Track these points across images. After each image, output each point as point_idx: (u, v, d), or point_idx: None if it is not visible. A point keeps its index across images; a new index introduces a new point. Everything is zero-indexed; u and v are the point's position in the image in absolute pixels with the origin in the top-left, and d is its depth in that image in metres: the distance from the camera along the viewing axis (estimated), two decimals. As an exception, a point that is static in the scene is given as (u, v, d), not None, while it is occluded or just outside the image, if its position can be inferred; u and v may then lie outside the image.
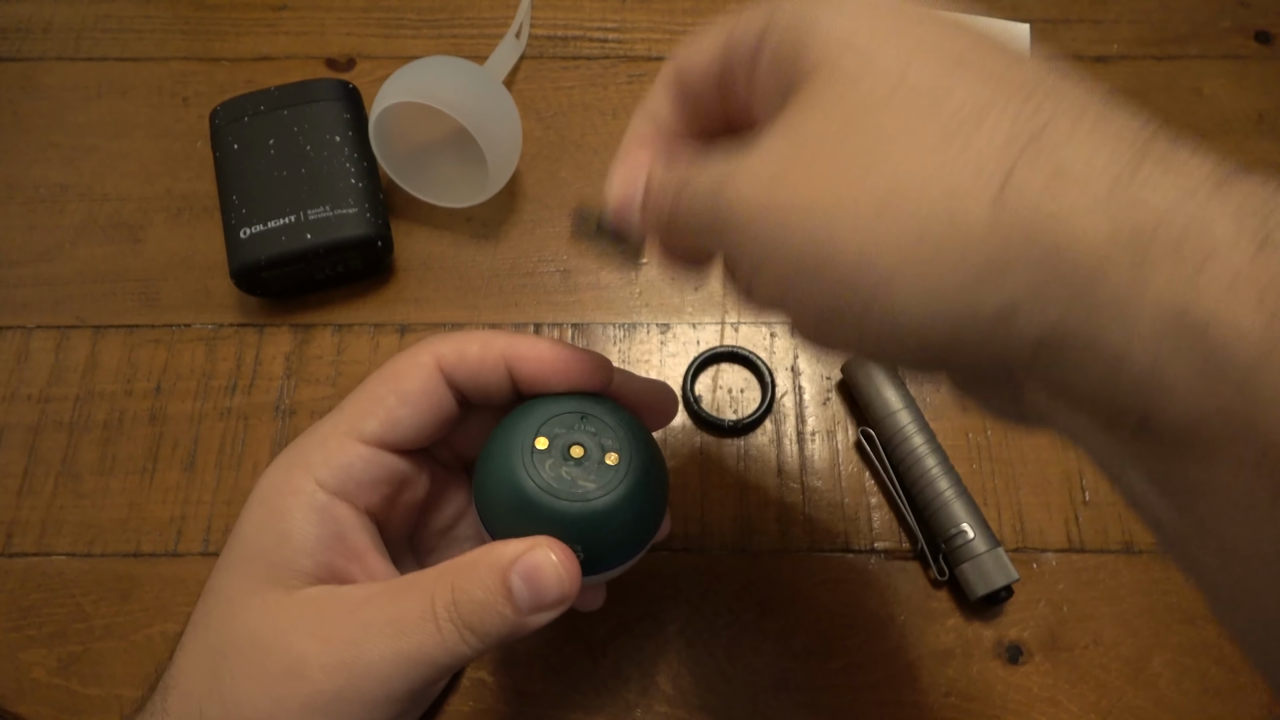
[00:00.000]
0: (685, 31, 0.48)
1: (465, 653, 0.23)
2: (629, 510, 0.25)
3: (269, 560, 0.24)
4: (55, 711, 0.34)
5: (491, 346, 0.26)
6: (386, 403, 0.26)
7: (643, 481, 0.25)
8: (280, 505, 0.25)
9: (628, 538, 0.25)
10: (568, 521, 0.24)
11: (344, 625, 0.23)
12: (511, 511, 0.24)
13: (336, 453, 0.25)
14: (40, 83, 0.47)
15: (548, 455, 0.25)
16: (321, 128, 0.41)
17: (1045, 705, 0.34)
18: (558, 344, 0.26)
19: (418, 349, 0.27)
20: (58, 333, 0.41)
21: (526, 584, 0.23)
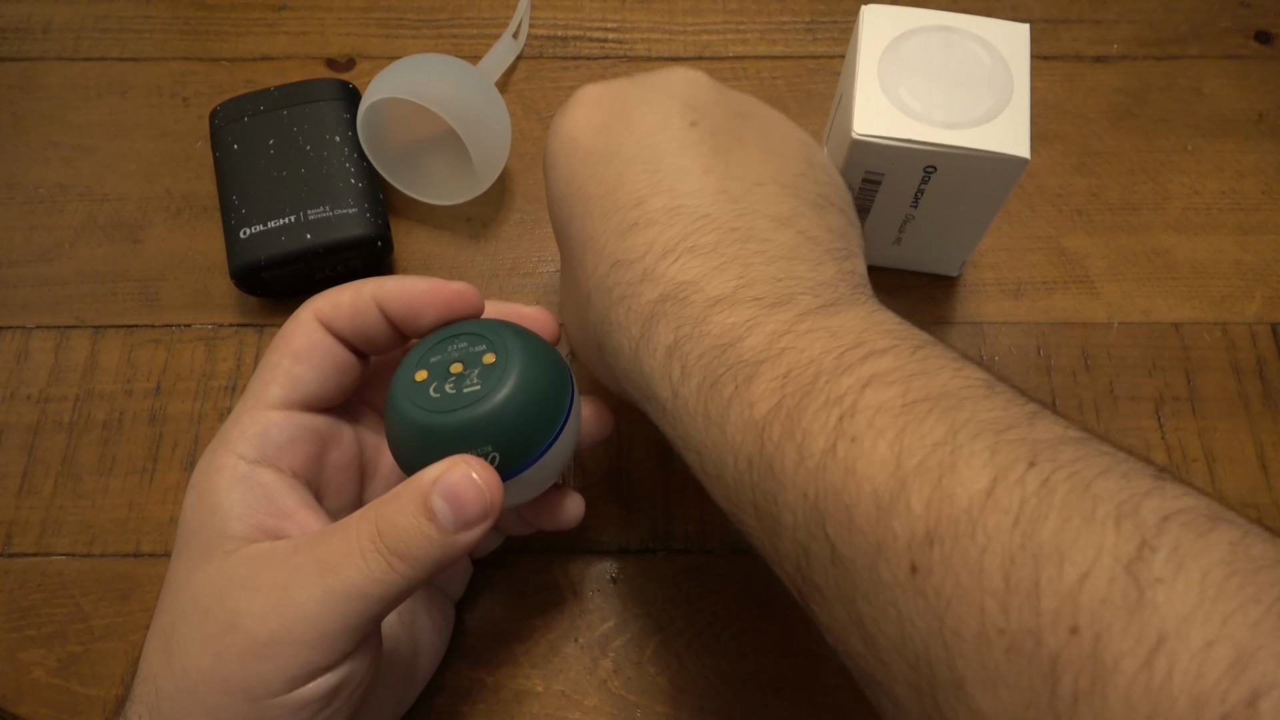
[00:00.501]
0: (685, 31, 0.48)
1: (396, 580, 0.24)
2: (522, 395, 0.25)
3: (204, 535, 0.25)
4: (55, 712, 0.34)
5: (361, 292, 0.28)
6: (281, 365, 0.27)
7: (528, 365, 0.26)
8: (207, 484, 0.26)
9: (534, 423, 0.25)
10: (466, 431, 0.24)
11: (274, 573, 0.24)
12: (415, 448, 0.25)
13: (249, 423, 0.27)
14: (40, 83, 0.47)
15: (429, 383, 0.26)
16: (321, 128, 0.41)
17: (1045, 705, 0.34)
18: (424, 278, 0.28)
19: (300, 309, 0.28)
20: (57, 333, 0.41)
21: (448, 501, 0.24)
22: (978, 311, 0.41)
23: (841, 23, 0.48)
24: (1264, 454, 0.38)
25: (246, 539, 0.25)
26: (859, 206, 0.38)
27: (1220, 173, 0.44)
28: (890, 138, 0.34)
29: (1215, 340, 0.40)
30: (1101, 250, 0.42)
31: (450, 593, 0.34)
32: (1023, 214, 0.43)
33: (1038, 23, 0.48)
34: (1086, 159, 0.45)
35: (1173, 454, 0.38)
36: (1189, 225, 0.43)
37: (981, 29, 0.36)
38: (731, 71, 0.47)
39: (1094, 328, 0.41)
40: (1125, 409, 0.39)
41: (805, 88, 0.47)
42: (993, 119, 0.34)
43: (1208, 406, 0.39)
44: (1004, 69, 0.35)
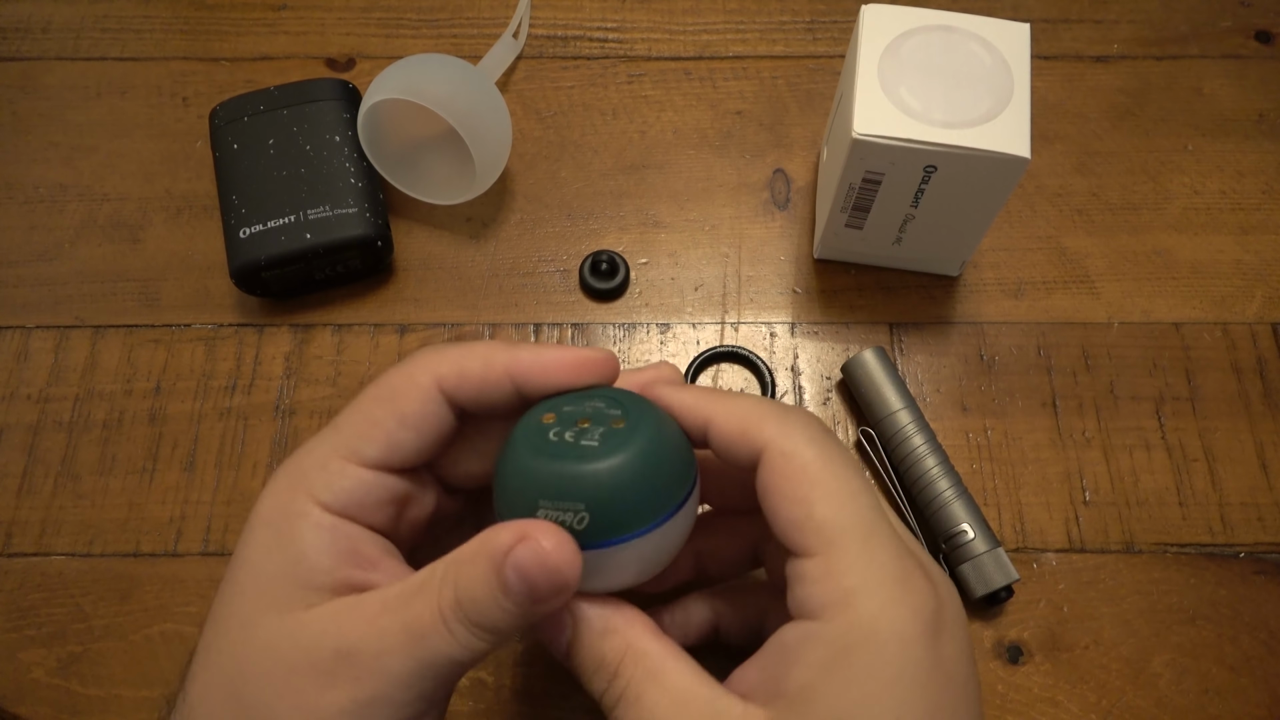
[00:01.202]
0: (685, 31, 0.48)
1: (482, 648, 0.23)
2: (635, 465, 0.23)
3: (284, 582, 0.24)
4: (54, 712, 0.34)
5: (494, 363, 0.26)
6: (385, 426, 0.25)
7: (652, 443, 0.24)
8: (288, 528, 0.24)
9: (637, 497, 0.24)
10: (565, 481, 0.23)
11: (363, 635, 0.23)
12: (514, 484, 0.24)
13: (338, 476, 0.25)
14: (40, 82, 0.47)
15: (551, 427, 0.24)
16: (321, 128, 0.41)
17: (1045, 705, 0.34)
18: (560, 348, 0.26)
19: (415, 368, 0.26)
20: (57, 333, 0.41)
21: (520, 579, 0.23)
22: (978, 311, 0.41)
23: (841, 23, 0.48)
24: (1264, 454, 0.38)
25: (331, 592, 0.24)
26: (859, 206, 0.38)
27: (1220, 172, 0.44)
28: (890, 137, 0.34)
29: (1215, 340, 0.40)
30: (1102, 250, 0.42)
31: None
32: (1023, 214, 0.43)
33: (1038, 22, 0.48)
34: (1086, 159, 0.45)
35: (1173, 454, 0.38)
36: (1189, 225, 0.43)
37: (982, 29, 0.36)
38: (731, 71, 0.47)
39: (1094, 327, 0.41)
40: (1125, 409, 0.39)
41: (805, 88, 0.47)
42: (993, 119, 0.34)
43: (1208, 406, 0.39)
44: (1004, 69, 0.35)
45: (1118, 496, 0.38)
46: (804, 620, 0.23)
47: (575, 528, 0.23)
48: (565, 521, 0.23)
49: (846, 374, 0.39)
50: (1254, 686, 0.34)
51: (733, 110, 0.46)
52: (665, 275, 0.42)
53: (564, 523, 0.23)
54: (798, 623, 0.24)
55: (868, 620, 0.23)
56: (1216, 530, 0.37)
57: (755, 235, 0.43)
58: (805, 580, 0.23)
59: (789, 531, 0.24)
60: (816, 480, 0.24)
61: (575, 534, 0.23)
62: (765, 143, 0.45)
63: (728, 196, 0.44)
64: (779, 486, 0.24)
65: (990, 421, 0.39)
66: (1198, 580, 0.36)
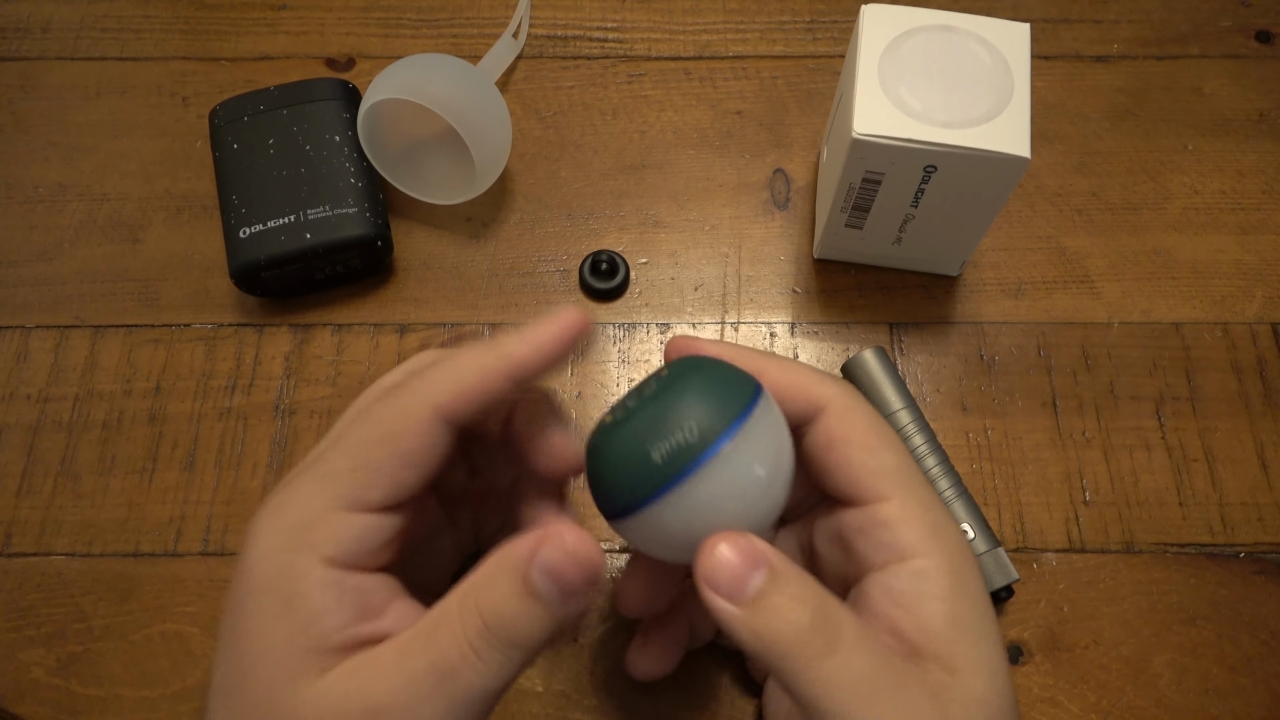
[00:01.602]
0: (685, 31, 0.48)
1: (514, 670, 0.22)
2: (692, 377, 0.24)
3: (296, 650, 0.22)
4: (54, 712, 0.34)
5: (491, 373, 0.24)
6: (388, 468, 0.24)
7: (701, 361, 0.25)
8: (292, 592, 0.23)
9: (703, 403, 0.23)
10: (644, 424, 0.24)
11: (389, 687, 0.22)
12: (604, 473, 0.25)
13: (341, 528, 0.23)
14: (40, 82, 0.47)
15: (611, 414, 0.25)
16: (321, 127, 0.41)
17: (1045, 705, 0.34)
18: (539, 326, 0.25)
19: (410, 400, 0.24)
20: (57, 332, 0.41)
21: (550, 578, 0.22)
22: (978, 311, 0.41)
23: (841, 22, 0.48)
24: (1264, 454, 0.38)
25: (345, 651, 0.23)
26: (859, 206, 0.38)
27: (1220, 172, 0.44)
28: (890, 137, 0.34)
29: (1216, 340, 0.40)
30: (1102, 250, 0.42)
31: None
32: (1023, 214, 0.43)
33: (1038, 22, 0.48)
34: (1086, 159, 0.45)
35: (1173, 454, 0.38)
36: (1189, 225, 0.43)
37: (982, 29, 0.36)
38: (731, 71, 0.47)
39: (1094, 327, 0.41)
40: (1125, 409, 0.39)
41: (805, 87, 0.47)
42: (993, 119, 0.34)
43: (1208, 406, 0.39)
44: (1004, 69, 0.35)
45: (1118, 496, 0.38)
46: (903, 562, 0.24)
47: (663, 459, 0.23)
48: (665, 450, 0.23)
49: (846, 374, 0.39)
50: (1254, 686, 0.34)
51: (733, 110, 0.46)
52: (665, 275, 0.42)
53: (664, 452, 0.23)
54: (897, 566, 0.24)
55: (956, 546, 0.25)
56: (1216, 530, 0.37)
57: (755, 235, 0.43)
58: (889, 524, 0.24)
59: (863, 477, 0.25)
60: (879, 433, 0.26)
61: (663, 469, 0.23)
62: (765, 143, 0.45)
63: (728, 196, 0.44)
64: (851, 436, 0.25)
65: (990, 421, 0.39)
66: (1198, 580, 0.36)
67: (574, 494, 0.36)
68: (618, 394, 0.40)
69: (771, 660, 0.22)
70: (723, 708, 0.34)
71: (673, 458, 0.23)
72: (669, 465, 0.23)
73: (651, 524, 0.24)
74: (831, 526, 0.26)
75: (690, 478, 0.23)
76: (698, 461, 0.23)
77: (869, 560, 0.25)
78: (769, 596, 0.22)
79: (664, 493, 0.23)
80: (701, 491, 0.23)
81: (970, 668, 0.23)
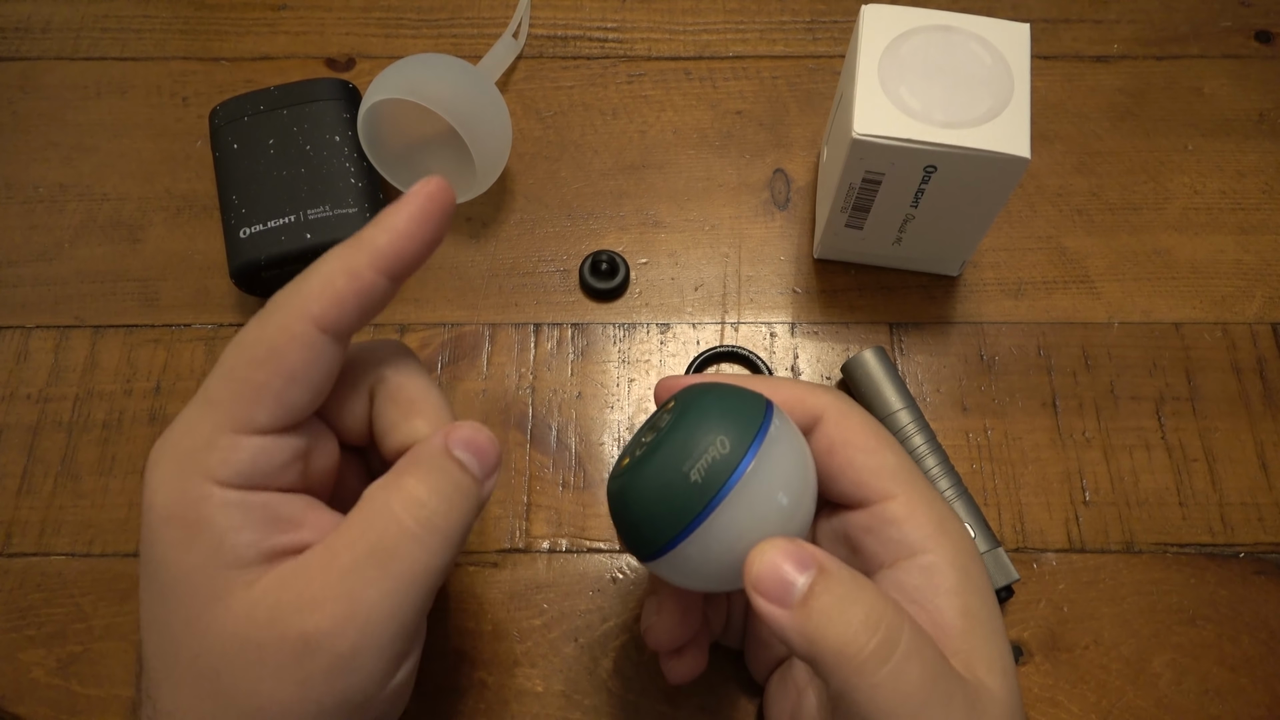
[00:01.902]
0: (685, 31, 0.48)
1: (451, 553, 0.23)
2: (704, 401, 0.24)
3: (213, 571, 0.22)
4: (54, 712, 0.34)
5: (361, 272, 0.23)
6: (273, 387, 0.23)
7: (710, 387, 0.25)
8: (194, 516, 0.22)
9: (721, 422, 0.23)
10: (667, 452, 0.24)
11: (326, 582, 0.22)
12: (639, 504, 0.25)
13: (231, 451, 0.23)
14: (40, 82, 0.47)
15: (625, 456, 0.26)
16: (321, 128, 0.41)
17: (1045, 705, 0.34)
18: (394, 213, 0.24)
19: (286, 315, 0.23)
20: (57, 332, 0.41)
21: (470, 452, 0.24)
22: (978, 311, 0.41)
23: (841, 23, 0.48)
24: (1264, 454, 0.38)
25: (265, 565, 0.23)
26: (859, 206, 0.38)
27: (1220, 172, 0.44)
28: (890, 137, 0.34)
29: (1216, 340, 0.40)
30: (1102, 250, 0.42)
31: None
32: (1023, 214, 0.43)
33: (1038, 22, 0.48)
34: (1087, 159, 0.45)
35: (1173, 454, 0.38)
36: (1189, 225, 0.43)
37: (982, 29, 0.36)
38: (732, 71, 0.47)
39: (1094, 327, 0.41)
40: (1125, 409, 0.39)
41: (805, 88, 0.47)
42: (993, 119, 0.34)
43: (1208, 406, 0.39)
44: (1004, 69, 0.35)
45: (1118, 496, 0.38)
46: (912, 558, 0.24)
47: (702, 478, 0.23)
48: (701, 468, 0.23)
49: (846, 374, 0.39)
50: (1254, 686, 0.34)
51: (733, 110, 0.46)
52: (665, 275, 0.42)
53: (701, 470, 0.23)
54: (906, 563, 0.24)
55: (961, 540, 0.25)
56: (1216, 530, 0.37)
57: (755, 235, 0.43)
58: (896, 521, 0.25)
59: (867, 478, 0.25)
60: (875, 434, 0.26)
61: (704, 487, 0.23)
62: (765, 143, 0.45)
63: (728, 196, 0.44)
64: (850, 440, 0.26)
65: (990, 421, 0.39)
66: (1198, 580, 0.36)
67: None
68: (618, 393, 0.40)
69: (823, 665, 0.21)
70: (723, 707, 0.34)
71: (711, 474, 0.23)
72: (709, 483, 0.23)
73: (697, 553, 0.23)
74: (837, 528, 0.27)
75: (731, 493, 0.23)
76: (737, 473, 0.23)
77: (878, 557, 0.25)
78: (819, 598, 0.21)
79: (708, 514, 0.23)
80: (743, 507, 0.23)
81: (986, 666, 0.23)
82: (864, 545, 0.25)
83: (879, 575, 0.25)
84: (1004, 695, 0.23)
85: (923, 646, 0.22)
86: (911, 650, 0.21)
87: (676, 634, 0.29)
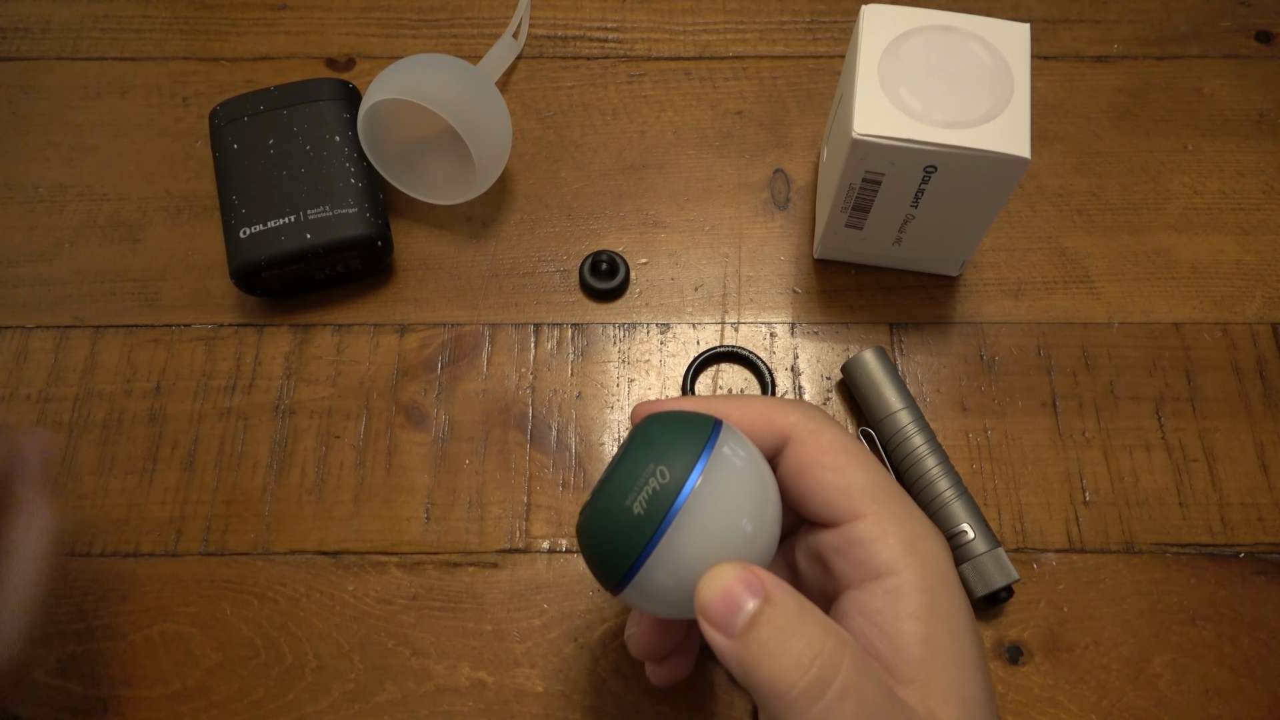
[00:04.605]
0: (685, 31, 0.48)
1: None
2: (650, 428, 0.24)
3: None
4: (54, 712, 0.34)
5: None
6: None
7: (651, 419, 0.25)
8: None
9: (666, 444, 0.24)
10: (614, 486, 0.24)
11: None
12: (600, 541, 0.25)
13: None
14: (40, 82, 0.47)
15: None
16: (321, 128, 0.41)
17: (1045, 706, 0.34)
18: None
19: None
20: (57, 333, 0.41)
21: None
22: (978, 311, 0.41)
23: (841, 23, 0.48)
24: (1264, 454, 0.38)
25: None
26: (859, 207, 0.38)
27: (1220, 172, 0.44)
28: (890, 138, 0.34)
29: (1215, 340, 0.40)
30: (1102, 250, 0.42)
31: None
32: (1023, 214, 0.43)
33: (1038, 22, 0.48)
34: (1086, 159, 0.45)
35: (1173, 454, 0.38)
36: (1189, 225, 0.43)
37: (982, 29, 0.36)
38: (732, 71, 0.47)
39: (1094, 328, 0.41)
40: (1125, 409, 0.39)
41: (805, 88, 0.47)
42: (993, 119, 0.34)
43: (1208, 406, 0.39)
44: (1004, 69, 0.35)
45: (1118, 497, 0.38)
46: (878, 580, 0.24)
47: (644, 510, 0.23)
48: (643, 500, 0.23)
49: (846, 374, 0.39)
50: (1254, 686, 0.34)
51: (733, 110, 0.46)
52: (665, 275, 0.42)
53: (643, 502, 0.23)
54: (872, 584, 0.24)
55: (934, 561, 0.24)
56: (1216, 530, 0.37)
57: (755, 235, 0.43)
58: (864, 541, 0.24)
59: (835, 498, 0.25)
60: (846, 451, 0.25)
61: (648, 519, 0.23)
62: (765, 143, 0.45)
63: (728, 196, 0.44)
64: (817, 459, 0.25)
65: (990, 421, 0.39)
66: (1198, 580, 0.36)
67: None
68: (618, 393, 0.40)
69: (756, 697, 0.22)
70: (721, 707, 0.34)
71: (652, 505, 0.23)
72: (652, 514, 0.23)
73: (653, 583, 0.23)
74: (811, 545, 0.26)
75: (674, 521, 0.23)
76: (677, 503, 0.23)
77: (846, 577, 0.25)
78: (760, 629, 0.21)
79: (653, 546, 0.23)
80: (692, 533, 0.23)
81: (942, 696, 0.23)
82: (834, 565, 0.25)
83: (845, 596, 0.24)
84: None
85: (861, 683, 0.21)
86: (848, 688, 0.21)
87: (658, 645, 0.29)
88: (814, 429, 0.26)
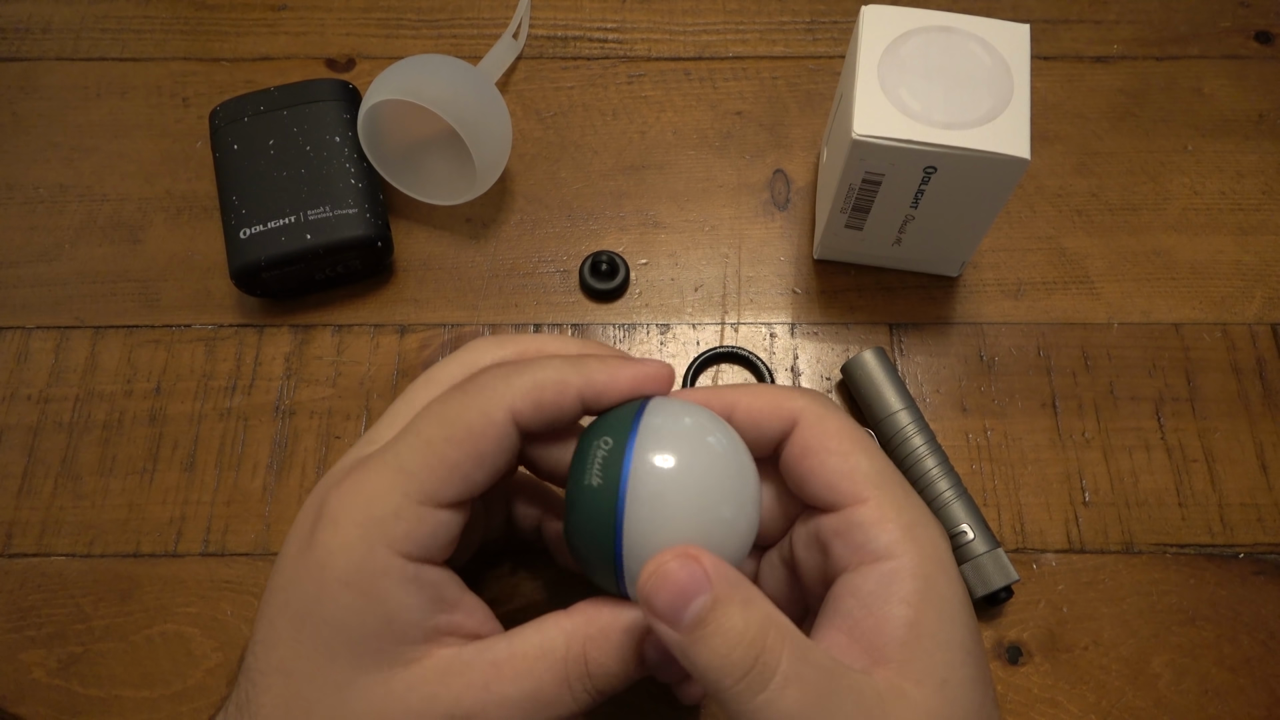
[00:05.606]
0: (685, 31, 0.48)
1: (592, 706, 0.24)
2: (576, 468, 0.24)
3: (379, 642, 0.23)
4: (55, 712, 0.34)
5: (568, 388, 0.25)
6: (464, 468, 0.24)
7: (591, 429, 0.25)
8: (373, 587, 0.23)
9: (588, 495, 0.24)
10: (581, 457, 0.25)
11: (480, 700, 0.23)
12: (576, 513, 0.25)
13: (417, 524, 0.24)
14: (40, 83, 0.47)
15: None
16: (321, 128, 0.41)
17: (1045, 706, 0.34)
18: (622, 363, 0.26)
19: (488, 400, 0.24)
20: (57, 333, 0.41)
21: (660, 655, 0.24)
22: (978, 311, 0.41)
23: (841, 23, 0.48)
24: (1264, 454, 0.38)
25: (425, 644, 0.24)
26: (859, 207, 0.38)
27: (1220, 173, 0.44)
28: (890, 138, 0.34)
29: (1215, 340, 0.40)
30: (1101, 250, 0.42)
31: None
32: (1023, 214, 0.43)
33: (1038, 23, 0.48)
34: (1086, 159, 0.45)
35: (1173, 454, 0.38)
36: (1189, 225, 0.43)
37: (981, 29, 0.36)
38: (732, 72, 0.47)
39: (1094, 328, 0.41)
40: (1125, 409, 0.39)
41: (805, 88, 0.47)
42: (993, 119, 0.34)
43: (1208, 407, 0.39)
44: (1004, 69, 0.35)
45: (1117, 497, 0.38)
46: (875, 563, 0.24)
47: (601, 479, 0.24)
48: (597, 471, 0.24)
49: (846, 374, 0.39)
50: (1254, 687, 0.34)
51: (733, 110, 0.46)
52: (665, 275, 0.42)
53: (597, 473, 0.24)
54: (868, 568, 0.24)
55: (931, 548, 0.24)
56: (1216, 531, 0.37)
57: (755, 235, 0.43)
58: (863, 525, 0.24)
59: (837, 482, 0.25)
60: (851, 437, 0.26)
61: (609, 482, 0.23)
62: (765, 143, 0.45)
63: (728, 197, 0.44)
64: (822, 443, 0.26)
65: (990, 422, 0.39)
66: (1197, 581, 0.36)
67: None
68: (618, 394, 0.40)
69: (704, 687, 0.22)
70: (723, 710, 0.34)
71: (606, 471, 0.23)
72: (609, 480, 0.23)
73: (639, 566, 0.23)
74: (810, 531, 0.26)
75: (635, 487, 0.23)
76: (627, 458, 0.23)
77: (844, 561, 0.25)
78: (706, 624, 0.21)
79: (621, 512, 0.23)
80: (656, 510, 0.23)
81: (918, 676, 0.23)
82: (832, 548, 0.25)
83: (841, 578, 0.25)
84: (935, 706, 0.22)
85: (804, 671, 0.21)
86: (790, 676, 0.21)
87: (677, 664, 0.29)
88: (821, 414, 0.26)
